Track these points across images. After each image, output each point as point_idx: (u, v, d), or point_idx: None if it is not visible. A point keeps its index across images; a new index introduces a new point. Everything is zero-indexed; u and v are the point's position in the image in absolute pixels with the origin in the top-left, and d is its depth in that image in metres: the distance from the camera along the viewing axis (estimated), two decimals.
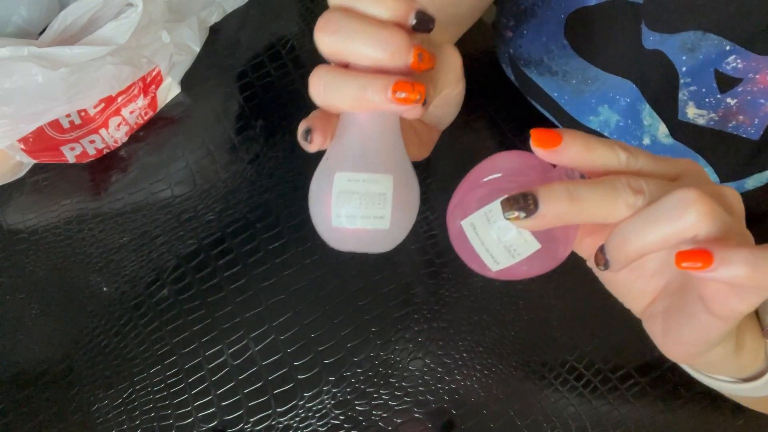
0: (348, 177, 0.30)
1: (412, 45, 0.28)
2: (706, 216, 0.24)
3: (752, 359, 0.32)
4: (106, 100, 0.55)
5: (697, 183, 0.26)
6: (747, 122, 0.41)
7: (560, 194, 0.26)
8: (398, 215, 0.31)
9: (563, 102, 0.52)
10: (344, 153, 0.31)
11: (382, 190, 0.30)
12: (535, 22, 0.51)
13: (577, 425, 0.47)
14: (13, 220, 0.57)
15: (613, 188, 0.26)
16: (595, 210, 0.26)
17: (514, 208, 0.26)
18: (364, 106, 0.28)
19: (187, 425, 0.49)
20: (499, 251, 0.29)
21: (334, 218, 0.30)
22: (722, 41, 0.38)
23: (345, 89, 0.28)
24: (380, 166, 0.30)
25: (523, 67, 0.54)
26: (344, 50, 0.28)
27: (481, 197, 0.30)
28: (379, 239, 0.32)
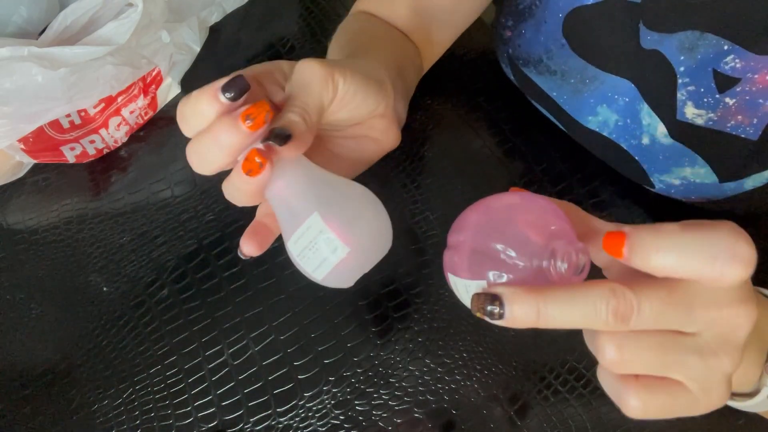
0: (292, 241, 0.32)
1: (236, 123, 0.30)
2: None
3: (743, 382, 0.32)
4: (106, 100, 0.55)
5: (723, 297, 0.26)
6: (746, 122, 0.41)
7: (528, 307, 0.25)
8: (349, 233, 0.32)
9: (562, 101, 0.52)
10: (282, 227, 0.34)
11: (318, 229, 0.32)
12: (533, 22, 0.51)
13: (577, 425, 0.47)
14: (13, 220, 0.57)
15: (594, 312, 0.24)
16: (564, 325, 0.25)
17: (481, 307, 0.26)
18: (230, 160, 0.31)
19: (187, 425, 0.49)
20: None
21: (312, 275, 0.33)
22: (720, 41, 0.38)
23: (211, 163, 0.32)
24: (303, 214, 0.32)
25: (523, 67, 0.54)
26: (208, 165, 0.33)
27: (470, 262, 0.30)
28: (357, 262, 0.33)
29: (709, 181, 0.46)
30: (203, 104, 0.31)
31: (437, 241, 0.53)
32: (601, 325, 0.25)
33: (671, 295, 0.25)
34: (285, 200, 0.33)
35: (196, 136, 0.32)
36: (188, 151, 0.32)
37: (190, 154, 0.32)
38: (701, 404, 0.27)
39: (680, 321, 0.26)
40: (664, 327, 0.26)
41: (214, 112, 0.31)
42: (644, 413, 0.26)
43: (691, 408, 0.27)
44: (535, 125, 0.57)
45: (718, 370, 0.26)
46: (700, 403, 0.27)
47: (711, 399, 0.27)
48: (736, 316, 0.26)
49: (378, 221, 0.34)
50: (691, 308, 0.25)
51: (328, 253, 0.32)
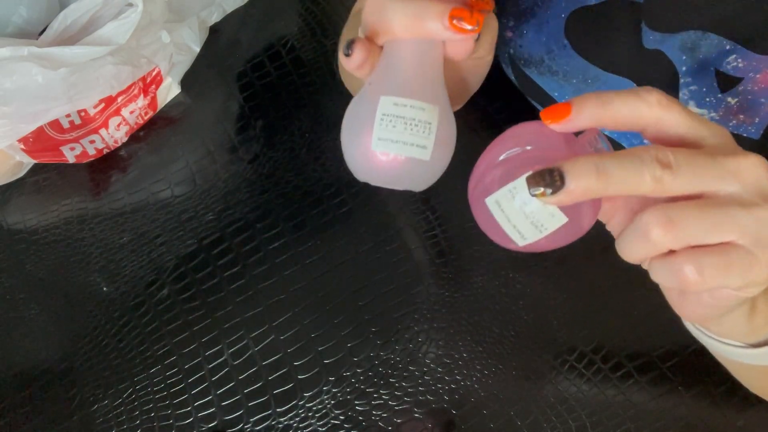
0: (394, 101, 0.29)
1: None
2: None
3: (763, 323, 0.31)
4: (106, 100, 0.55)
5: (727, 149, 0.26)
6: (748, 122, 0.41)
7: (587, 169, 0.25)
8: (439, 149, 0.30)
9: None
10: (390, 78, 0.30)
11: (428, 119, 0.29)
12: (535, 22, 0.51)
13: (577, 425, 0.47)
14: (13, 220, 0.57)
15: (641, 161, 0.25)
16: (622, 184, 0.25)
17: (540, 184, 0.26)
18: (419, 31, 0.28)
19: (187, 425, 0.49)
20: (525, 227, 0.29)
21: (375, 142, 0.29)
22: (722, 41, 0.38)
23: (402, 11, 0.28)
24: (427, 96, 0.29)
25: (524, 67, 0.54)
26: None
27: (504, 173, 0.29)
28: (416, 172, 0.30)
29: None
30: None
31: (437, 241, 0.53)
32: (649, 179, 0.25)
33: (693, 150, 0.26)
34: (415, 68, 0.30)
35: None
36: None
37: None
38: (760, 259, 0.26)
39: (711, 172, 0.26)
40: (700, 183, 0.26)
41: None
42: (702, 279, 0.25)
43: (751, 264, 0.26)
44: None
45: (765, 219, 0.26)
46: (758, 259, 0.26)
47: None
48: (753, 165, 0.26)
49: (450, 156, 0.32)
50: (714, 157, 0.26)
51: (415, 142, 0.29)
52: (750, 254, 0.26)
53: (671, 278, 0.26)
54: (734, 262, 0.25)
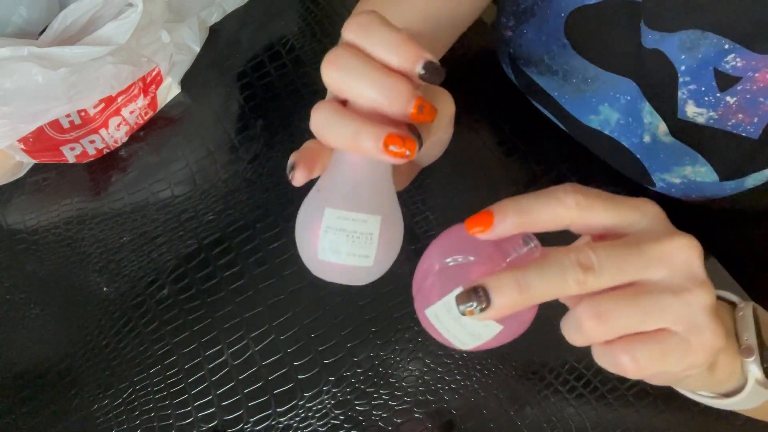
0: (338, 215, 0.31)
1: (413, 95, 0.28)
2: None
3: (727, 377, 0.32)
4: (106, 100, 0.55)
5: (654, 234, 0.26)
6: (746, 121, 0.41)
7: (509, 285, 0.26)
8: (382, 253, 0.31)
9: (564, 101, 0.52)
10: (336, 189, 0.31)
11: (370, 230, 0.31)
12: (535, 22, 0.51)
13: (577, 425, 0.47)
14: (13, 220, 0.57)
15: (562, 268, 0.26)
16: (546, 293, 0.26)
17: (468, 303, 0.27)
18: (356, 150, 0.29)
19: (187, 425, 0.49)
20: (464, 336, 0.31)
21: (320, 251, 0.31)
22: (721, 40, 0.38)
23: (340, 130, 0.29)
24: (370, 206, 0.31)
25: (524, 67, 0.54)
26: (346, 88, 0.29)
27: (440, 282, 0.30)
28: (361, 275, 0.33)
29: (710, 180, 0.46)
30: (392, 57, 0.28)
31: None
32: (573, 283, 0.25)
33: (613, 242, 0.26)
34: (360, 178, 0.31)
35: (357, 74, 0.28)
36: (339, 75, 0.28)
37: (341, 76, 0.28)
38: (694, 345, 0.26)
39: (635, 264, 0.26)
40: (625, 276, 0.26)
41: (395, 63, 0.28)
42: (638, 367, 0.26)
43: (686, 351, 0.26)
44: (535, 125, 0.57)
45: (696, 304, 0.26)
46: (693, 344, 0.26)
47: (703, 337, 0.26)
48: (681, 247, 0.26)
49: (395, 255, 0.34)
50: (638, 247, 0.26)
51: (357, 252, 0.31)
52: (684, 340, 0.26)
53: (611, 366, 0.27)
54: (669, 350, 0.26)
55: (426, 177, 0.56)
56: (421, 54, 0.28)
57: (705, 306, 0.26)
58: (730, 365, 0.31)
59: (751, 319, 0.32)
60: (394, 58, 0.28)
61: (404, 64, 0.28)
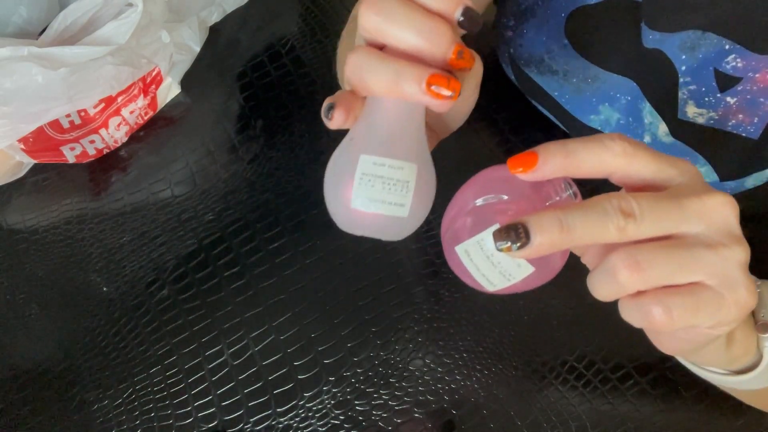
0: (373, 161, 0.29)
1: (453, 40, 0.28)
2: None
3: (743, 352, 0.32)
4: (106, 100, 0.55)
5: (693, 189, 0.26)
6: (747, 121, 0.41)
7: (551, 224, 0.25)
8: (417, 205, 0.30)
9: (564, 101, 0.52)
10: (370, 136, 0.30)
11: (406, 178, 0.29)
12: (535, 22, 0.51)
13: (577, 425, 0.47)
14: (13, 220, 0.57)
15: (604, 213, 0.25)
16: (586, 237, 0.26)
17: (506, 239, 0.26)
18: (397, 94, 0.28)
19: (187, 425, 0.49)
20: (494, 275, 0.30)
21: (354, 200, 0.29)
22: (722, 40, 0.38)
23: (381, 73, 0.28)
24: (406, 154, 0.30)
25: (524, 67, 0.54)
26: (386, 31, 0.28)
27: (473, 221, 0.30)
28: (394, 226, 0.31)
29: (710, 180, 0.46)
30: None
31: (437, 241, 0.53)
32: (613, 229, 0.25)
33: (656, 194, 0.26)
34: (396, 125, 0.30)
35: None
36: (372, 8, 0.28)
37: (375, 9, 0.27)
38: (728, 300, 0.26)
39: (675, 216, 0.26)
40: (664, 228, 0.26)
41: (435, 6, 0.28)
42: (670, 319, 0.25)
43: (719, 305, 0.26)
44: (535, 125, 0.57)
45: (732, 259, 0.26)
46: (726, 299, 0.26)
47: (738, 293, 0.26)
48: (719, 204, 0.26)
49: (429, 209, 0.33)
50: (678, 200, 0.26)
51: (393, 200, 0.30)
52: (718, 294, 0.26)
53: (641, 319, 0.26)
54: (702, 303, 0.26)
55: None
56: (460, 0, 0.28)
57: (740, 262, 0.26)
58: (747, 341, 0.31)
59: (767, 296, 0.32)
60: (434, 2, 0.27)
61: (445, 8, 0.27)
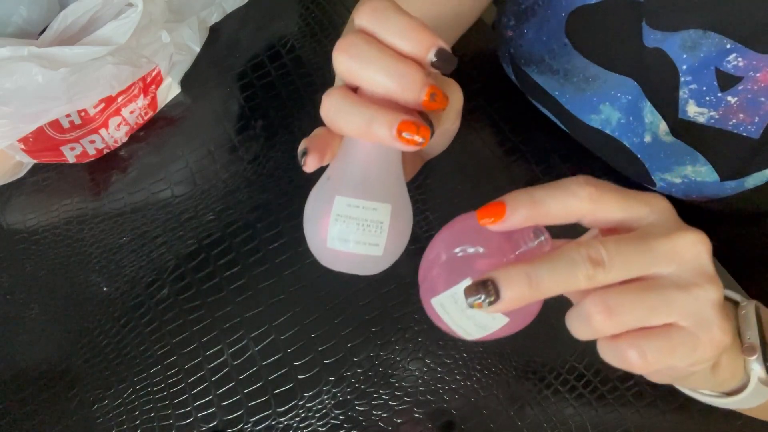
0: (348, 202, 0.30)
1: (426, 83, 0.28)
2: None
3: (730, 376, 0.31)
4: (106, 100, 0.55)
5: (664, 228, 0.26)
6: (747, 120, 0.41)
7: (519, 279, 0.26)
8: (392, 243, 0.31)
9: (564, 101, 0.52)
10: (346, 177, 0.31)
11: (380, 219, 0.30)
12: (535, 21, 0.51)
13: (577, 425, 0.47)
14: (13, 220, 0.57)
15: (572, 263, 0.25)
16: (555, 288, 0.26)
17: (476, 295, 0.26)
18: (369, 138, 0.28)
19: (187, 425, 0.49)
20: (470, 327, 0.30)
21: (330, 240, 0.31)
22: (723, 39, 0.38)
23: (353, 117, 0.28)
24: (380, 195, 0.31)
25: (524, 67, 0.54)
26: (358, 75, 0.28)
27: (447, 273, 0.30)
28: (370, 264, 0.32)
29: (710, 180, 0.46)
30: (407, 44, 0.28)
31: None
32: (582, 279, 0.25)
33: (623, 237, 0.26)
34: (371, 166, 0.31)
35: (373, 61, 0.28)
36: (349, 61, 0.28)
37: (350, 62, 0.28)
38: (702, 340, 0.26)
39: (645, 259, 0.26)
40: (635, 271, 0.26)
41: (408, 49, 0.28)
42: (645, 362, 0.26)
43: (694, 346, 0.26)
44: (535, 125, 0.57)
45: (705, 299, 0.26)
46: (701, 340, 0.26)
47: (712, 333, 0.26)
48: (690, 243, 0.26)
49: (405, 245, 0.34)
50: (647, 242, 0.26)
51: (367, 241, 0.30)
52: (692, 335, 0.26)
53: (617, 361, 0.26)
54: (677, 345, 0.26)
55: (426, 177, 0.56)
56: (434, 41, 0.28)
57: (713, 301, 0.26)
58: (733, 364, 0.31)
59: (753, 318, 0.32)
60: (407, 45, 0.28)
61: (417, 50, 0.28)
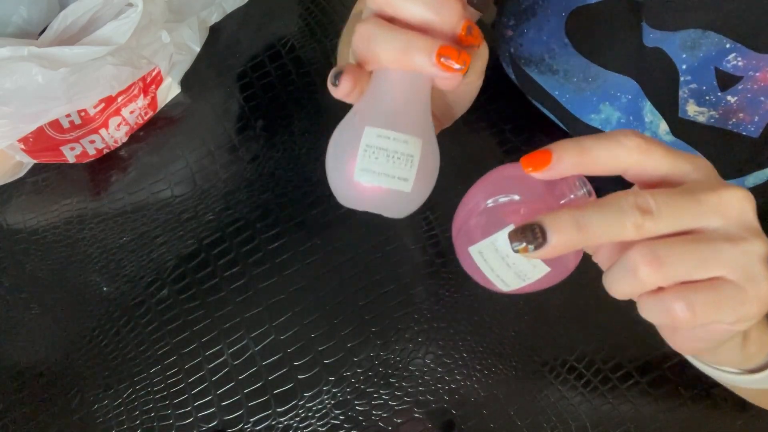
0: (378, 133, 0.29)
1: (463, 16, 0.27)
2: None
3: (757, 350, 0.31)
4: (106, 100, 0.55)
5: (709, 184, 0.26)
6: (747, 120, 0.41)
7: (567, 223, 0.25)
8: (420, 181, 0.30)
9: (564, 101, 0.52)
10: (375, 109, 0.30)
11: (411, 152, 0.29)
12: (535, 21, 0.51)
13: (577, 425, 0.47)
14: (13, 220, 0.57)
15: (620, 211, 0.25)
16: (603, 235, 0.25)
17: (522, 239, 0.26)
18: (406, 65, 0.28)
19: (187, 425, 0.49)
20: (509, 276, 0.29)
21: (357, 173, 0.29)
22: (723, 39, 0.38)
23: (390, 43, 0.28)
24: (411, 128, 0.29)
25: (524, 66, 0.54)
26: (396, 3, 0.28)
27: (486, 222, 0.29)
28: (397, 202, 0.31)
29: None
30: None
31: (437, 241, 0.53)
32: (630, 227, 0.25)
33: (670, 190, 0.26)
34: (401, 99, 0.30)
35: None
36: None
37: None
38: (750, 294, 0.25)
39: (692, 211, 0.25)
40: (683, 224, 0.26)
41: None
42: (693, 315, 0.25)
43: (742, 300, 0.25)
44: (536, 125, 0.57)
45: (753, 253, 0.25)
46: (749, 294, 0.25)
47: (759, 287, 0.25)
48: (736, 198, 0.26)
49: (432, 187, 0.32)
50: (695, 195, 0.26)
51: (396, 174, 0.29)
52: (740, 289, 0.25)
53: (662, 316, 0.26)
54: (724, 298, 0.25)
55: None
56: None
57: (761, 255, 0.26)
58: (762, 338, 0.31)
59: None
60: None
61: None
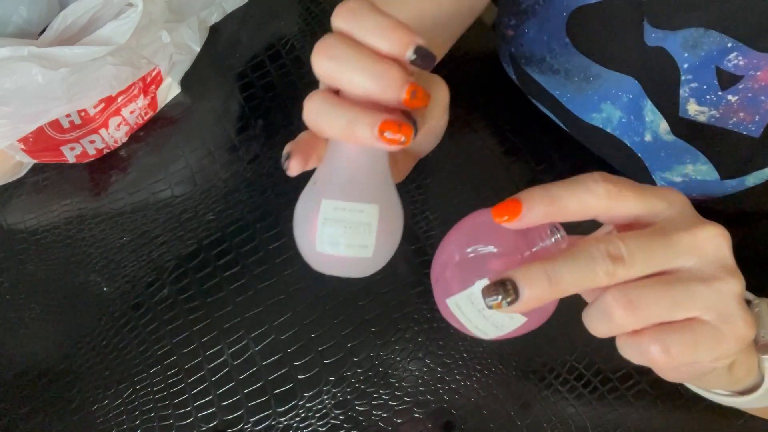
0: (334, 206, 0.30)
1: (406, 81, 0.28)
2: None
3: (745, 374, 0.31)
4: (106, 100, 0.55)
5: (683, 222, 0.26)
6: (748, 119, 0.41)
7: (539, 277, 0.25)
8: (381, 244, 0.31)
9: (565, 100, 0.52)
10: (332, 180, 0.31)
11: (367, 220, 0.30)
12: (536, 21, 0.51)
13: (577, 425, 0.47)
14: (13, 220, 0.57)
15: (592, 260, 0.25)
16: (575, 286, 0.25)
17: (495, 295, 0.26)
18: (352, 140, 0.28)
19: (187, 425, 0.49)
20: (487, 327, 0.30)
21: (318, 243, 0.31)
22: (724, 38, 0.38)
23: (335, 119, 0.28)
24: (367, 196, 0.31)
25: (525, 66, 0.54)
26: (338, 77, 0.28)
27: (461, 273, 0.30)
28: (360, 266, 0.32)
29: (711, 179, 0.46)
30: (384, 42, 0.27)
31: (437, 241, 0.53)
32: (602, 275, 0.25)
33: (642, 232, 0.26)
34: (357, 168, 0.31)
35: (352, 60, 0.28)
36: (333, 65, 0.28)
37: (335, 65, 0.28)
38: (726, 334, 0.25)
39: (665, 253, 0.25)
40: (656, 266, 0.26)
41: (386, 48, 0.28)
42: (669, 358, 0.25)
43: (718, 340, 0.25)
44: (535, 125, 0.57)
45: (728, 292, 0.25)
46: (725, 333, 0.25)
47: (736, 326, 0.25)
48: (710, 236, 0.26)
49: (396, 245, 0.34)
50: (668, 236, 0.26)
51: (356, 243, 0.30)
52: (716, 329, 0.25)
53: (640, 357, 0.26)
54: (701, 339, 0.25)
55: (426, 177, 0.55)
56: (411, 39, 0.28)
57: (736, 294, 0.26)
58: (748, 362, 0.31)
59: (766, 316, 0.32)
60: (385, 44, 0.28)
61: (395, 49, 0.28)
